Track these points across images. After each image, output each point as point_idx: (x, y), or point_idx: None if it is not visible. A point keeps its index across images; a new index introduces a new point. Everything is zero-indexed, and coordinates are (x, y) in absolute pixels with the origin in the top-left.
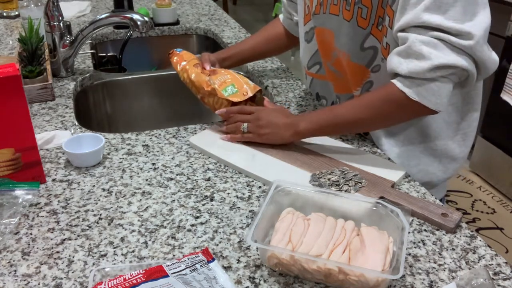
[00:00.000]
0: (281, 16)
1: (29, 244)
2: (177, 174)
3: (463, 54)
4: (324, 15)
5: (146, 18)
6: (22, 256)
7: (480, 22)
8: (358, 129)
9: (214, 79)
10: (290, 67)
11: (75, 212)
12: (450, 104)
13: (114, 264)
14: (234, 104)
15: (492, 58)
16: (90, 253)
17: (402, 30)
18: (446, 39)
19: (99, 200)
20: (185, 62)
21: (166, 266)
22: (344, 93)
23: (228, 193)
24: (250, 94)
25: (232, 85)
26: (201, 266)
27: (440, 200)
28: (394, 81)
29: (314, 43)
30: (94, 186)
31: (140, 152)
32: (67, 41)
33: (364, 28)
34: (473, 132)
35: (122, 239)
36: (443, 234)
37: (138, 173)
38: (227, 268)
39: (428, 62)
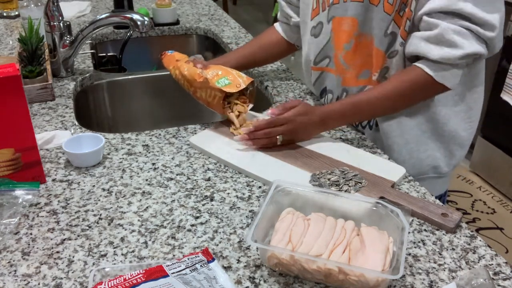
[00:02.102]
0: (276, 24)
1: (29, 244)
2: (177, 174)
3: (483, 43)
4: (345, 3)
5: (146, 18)
6: (22, 256)
7: (499, 10)
8: (383, 114)
9: (206, 73)
10: (290, 67)
11: (75, 212)
12: (457, 94)
13: (114, 264)
14: (227, 95)
15: (501, 44)
16: (90, 253)
17: (429, 14)
18: (474, 29)
19: (99, 200)
20: (176, 61)
21: (166, 266)
22: (351, 86)
23: (228, 193)
24: (243, 86)
25: (225, 77)
26: (201, 266)
27: (444, 194)
28: (420, 65)
29: (323, 37)
30: (94, 186)
31: (140, 152)
32: (67, 41)
33: (390, 14)
34: (477, 120)
35: (122, 239)
36: (443, 234)
37: (138, 173)
38: (227, 268)
39: (460, 51)
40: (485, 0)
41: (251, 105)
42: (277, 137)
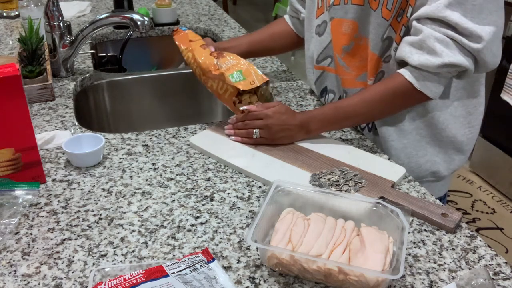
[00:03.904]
0: (286, 16)
1: (29, 244)
2: (177, 174)
3: (468, 55)
4: (346, 5)
5: (146, 18)
6: (22, 256)
7: (493, 24)
8: (366, 121)
9: (221, 63)
10: (290, 67)
11: (75, 212)
12: (456, 99)
13: (114, 264)
14: (239, 93)
15: (495, 60)
16: (90, 253)
17: (418, 19)
18: (458, 39)
19: (99, 200)
20: (190, 41)
21: (166, 266)
22: (350, 88)
23: (228, 193)
24: (258, 84)
25: (240, 72)
26: (201, 266)
27: (443, 196)
28: (402, 71)
29: (326, 36)
30: (94, 186)
31: (140, 152)
32: (67, 41)
33: (387, 19)
34: (478, 126)
35: (122, 239)
36: (443, 234)
37: (138, 173)
38: (227, 268)
39: (439, 59)
40: (476, 11)
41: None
42: (254, 130)
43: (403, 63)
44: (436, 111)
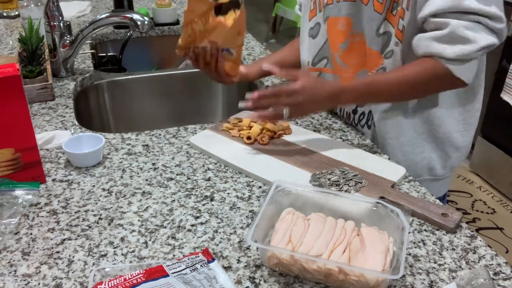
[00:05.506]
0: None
1: (29, 244)
2: (177, 174)
3: (494, 35)
4: (339, 3)
5: (146, 18)
6: (22, 256)
7: (500, 4)
8: (395, 101)
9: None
10: None
11: (75, 212)
12: (453, 95)
13: (114, 264)
14: (218, 6)
15: (507, 30)
16: (90, 253)
17: (435, 15)
18: (484, 22)
19: (99, 200)
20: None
21: (166, 266)
22: None
23: (228, 193)
24: None
25: None
26: (201, 266)
27: (443, 196)
28: (438, 59)
29: (320, 37)
30: (94, 186)
31: (140, 152)
32: (67, 41)
33: (380, 13)
34: (475, 123)
35: (122, 239)
36: (443, 234)
37: (138, 173)
38: (227, 268)
39: (475, 45)
40: None
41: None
42: (284, 109)
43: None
44: (433, 107)
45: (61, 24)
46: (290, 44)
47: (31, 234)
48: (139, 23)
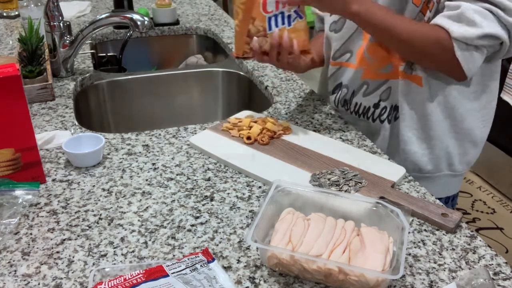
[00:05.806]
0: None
1: (29, 244)
2: (177, 174)
3: (505, 29)
4: None
5: (146, 18)
6: (22, 256)
7: None
8: (395, 44)
9: None
10: None
11: (75, 212)
12: (472, 92)
13: (114, 264)
14: None
15: None
16: (90, 253)
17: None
18: (495, 12)
19: (99, 200)
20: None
21: (166, 266)
22: (374, 79)
23: (228, 193)
24: None
25: None
26: (201, 266)
27: (456, 194)
28: (449, 31)
29: (345, 31)
30: (94, 186)
31: (140, 152)
32: (67, 41)
33: (418, 5)
34: (490, 120)
35: (122, 239)
36: (443, 234)
37: (138, 173)
38: (227, 268)
39: (479, 29)
40: None
41: None
42: None
43: None
44: (456, 102)
45: (61, 24)
46: (313, 39)
47: (31, 234)
48: (139, 23)
